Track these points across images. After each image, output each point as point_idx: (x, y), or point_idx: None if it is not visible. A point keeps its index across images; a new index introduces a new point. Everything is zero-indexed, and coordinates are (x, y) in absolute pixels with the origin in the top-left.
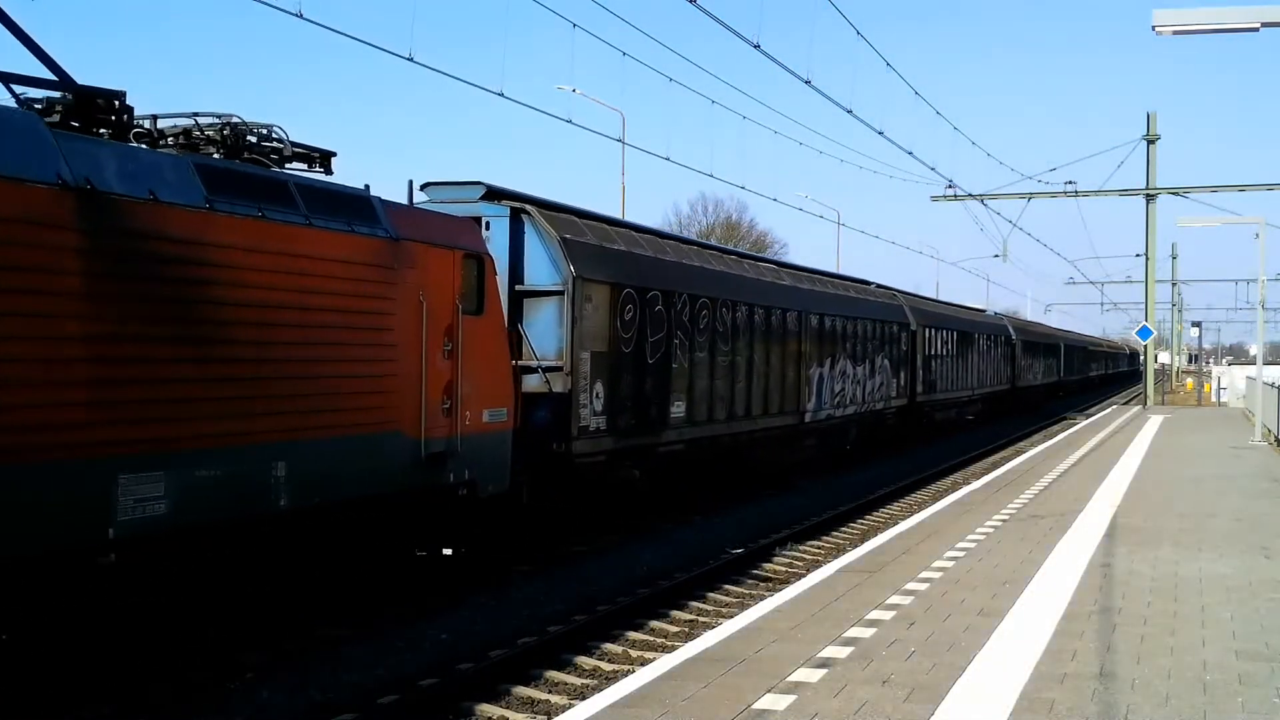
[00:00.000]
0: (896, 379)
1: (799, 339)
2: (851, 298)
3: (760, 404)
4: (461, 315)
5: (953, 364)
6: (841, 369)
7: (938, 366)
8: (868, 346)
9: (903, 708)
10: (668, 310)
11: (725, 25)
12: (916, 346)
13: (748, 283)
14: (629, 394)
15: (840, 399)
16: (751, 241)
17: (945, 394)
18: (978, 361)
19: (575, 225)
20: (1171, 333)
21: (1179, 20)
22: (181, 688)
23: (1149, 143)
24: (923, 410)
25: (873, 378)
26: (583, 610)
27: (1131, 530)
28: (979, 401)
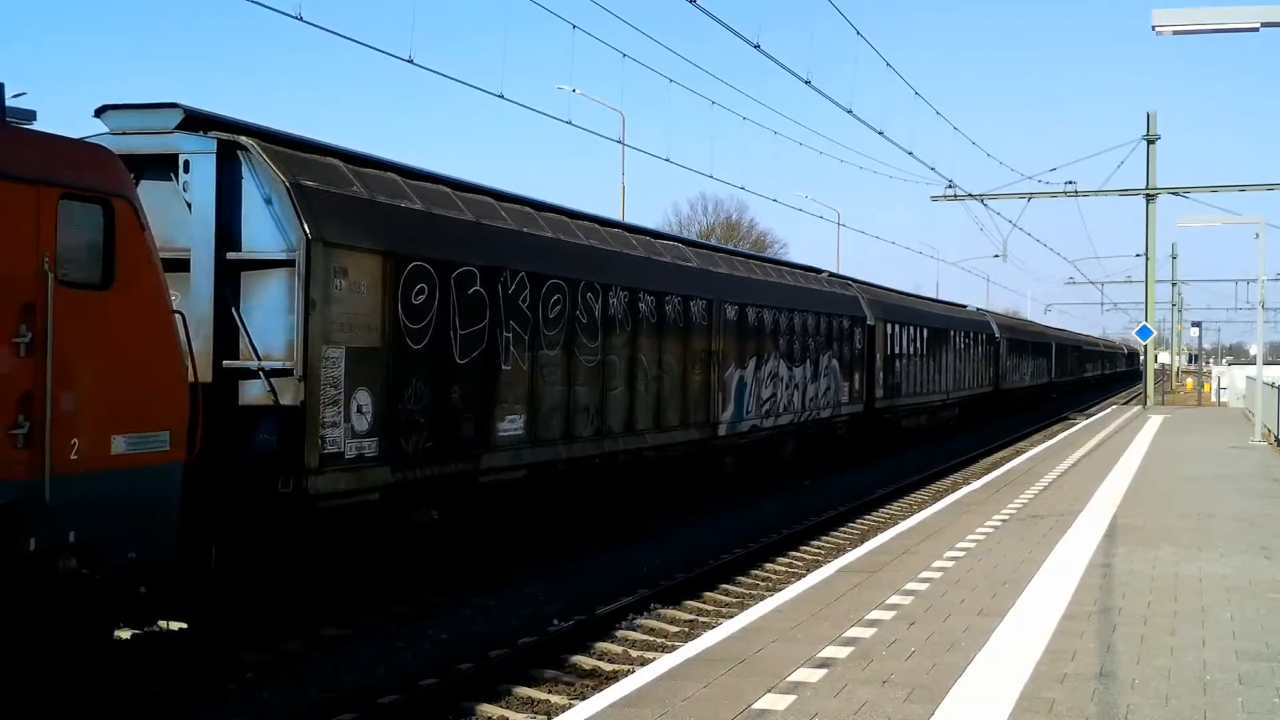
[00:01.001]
0: (850, 382)
1: (710, 334)
2: (787, 286)
3: (650, 416)
4: (57, 287)
5: (922, 364)
6: (773, 371)
7: (903, 367)
8: (810, 344)
9: (903, 708)
10: (491, 293)
11: (725, 25)
12: (875, 344)
13: (629, 262)
14: (424, 406)
15: (771, 407)
16: (752, 241)
17: (913, 398)
18: (954, 362)
19: (329, 170)
20: (1171, 333)
21: (1179, 20)
22: (181, 687)
23: (1149, 143)
24: (883, 417)
25: (817, 381)
26: (583, 610)
27: (1131, 530)
28: (955, 406)
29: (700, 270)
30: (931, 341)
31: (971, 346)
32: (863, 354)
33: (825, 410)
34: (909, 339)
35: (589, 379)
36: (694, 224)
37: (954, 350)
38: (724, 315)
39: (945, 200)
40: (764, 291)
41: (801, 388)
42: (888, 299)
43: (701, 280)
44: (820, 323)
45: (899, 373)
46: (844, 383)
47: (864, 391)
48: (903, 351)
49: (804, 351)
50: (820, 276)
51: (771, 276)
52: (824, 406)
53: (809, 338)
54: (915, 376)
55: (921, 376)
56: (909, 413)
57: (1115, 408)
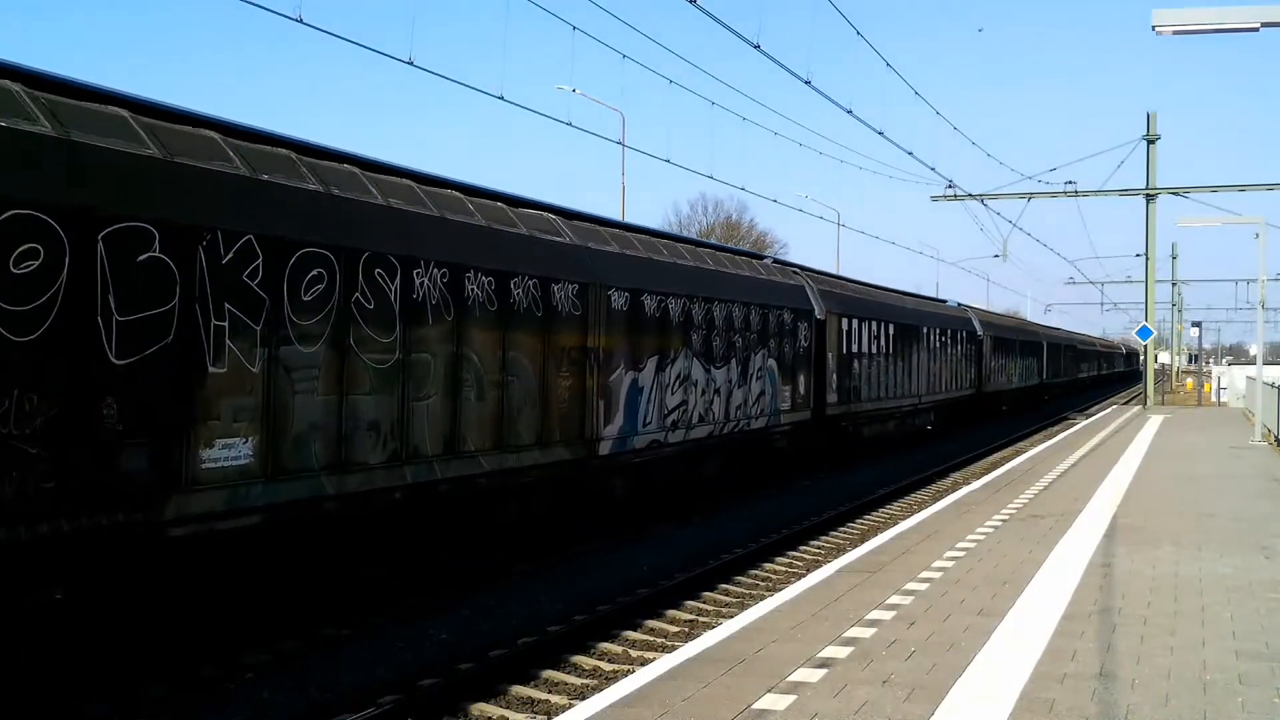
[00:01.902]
0: (793, 385)
1: (585, 327)
2: (705, 271)
3: (487, 433)
4: None
5: (888, 365)
6: (683, 373)
7: (863, 368)
8: (738, 341)
9: (903, 708)
10: (186, 263)
11: (725, 26)
12: (827, 341)
13: (452, 232)
14: (37, 430)
15: (681, 417)
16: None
17: (875, 403)
18: (927, 361)
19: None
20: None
21: (1179, 20)
22: (181, 687)
23: (1149, 143)
24: (838, 425)
25: (746, 385)
26: (583, 610)
27: (1131, 530)
28: (929, 411)
29: (571, 246)
30: (899, 339)
31: (949, 345)
32: (810, 353)
33: (759, 419)
34: (871, 336)
35: (380, 385)
36: (694, 224)
37: (928, 349)
38: (607, 304)
39: (945, 200)
40: (670, 276)
41: (725, 393)
42: (844, 290)
43: (571, 259)
44: (753, 315)
45: (858, 374)
46: (785, 387)
47: (812, 396)
48: (863, 350)
49: (729, 350)
50: (762, 263)
51: (685, 259)
52: (758, 416)
53: (737, 333)
54: (879, 379)
55: (887, 378)
56: (871, 420)
57: (1115, 408)
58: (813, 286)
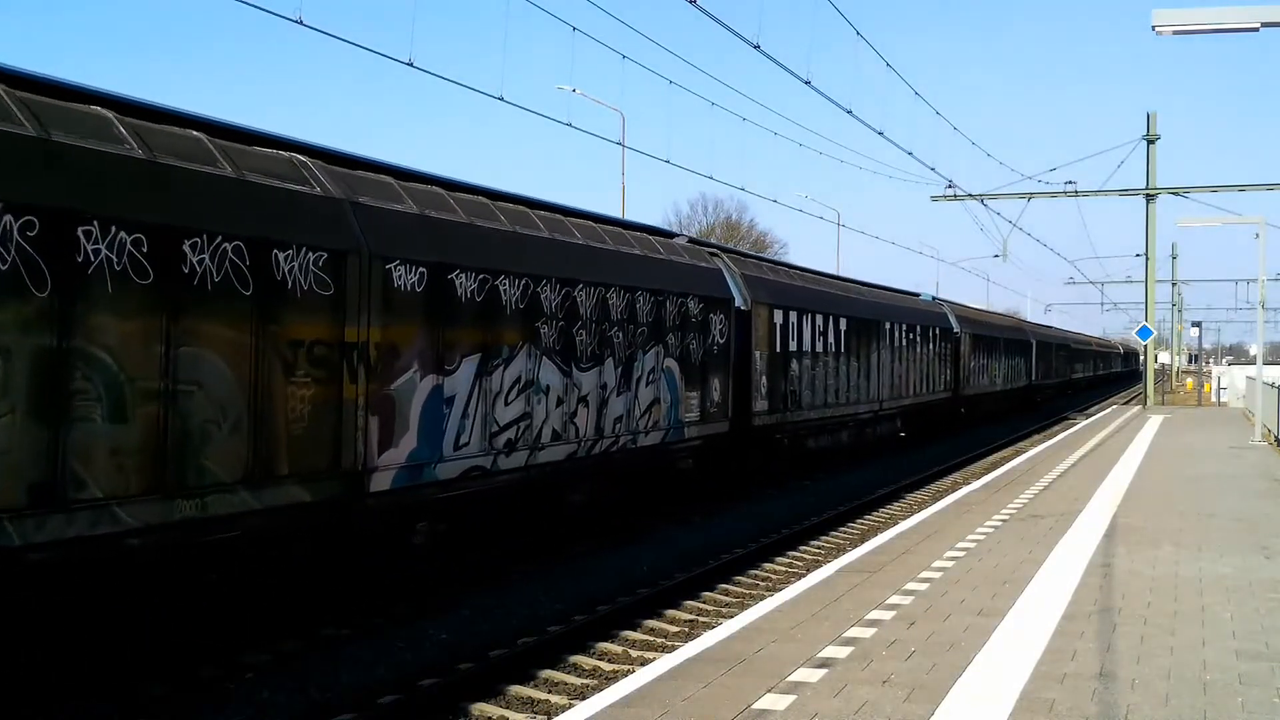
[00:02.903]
0: (704, 391)
1: (344, 313)
2: (567, 245)
3: (141, 471)
4: None
5: (838, 365)
6: (524, 377)
7: (805, 369)
8: (617, 336)
9: (903, 708)
10: None
11: (725, 26)
12: (754, 337)
13: (70, 160)
14: None
15: (523, 435)
16: (752, 241)
17: (821, 410)
18: (891, 361)
19: None
20: (1171, 333)
21: (1179, 20)
22: (181, 687)
23: (1149, 143)
24: (769, 438)
25: (631, 391)
26: (583, 610)
27: (1131, 530)
28: (895, 417)
29: (317, 199)
30: (854, 336)
31: (919, 343)
32: (730, 351)
33: (651, 434)
34: (816, 332)
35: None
36: (694, 224)
37: (891, 347)
38: (385, 282)
39: (945, 200)
40: (504, 248)
41: (597, 402)
42: (778, 277)
43: (314, 215)
44: (642, 304)
45: (798, 377)
46: (691, 393)
47: (731, 404)
48: (805, 348)
49: (604, 347)
50: (667, 240)
51: (536, 229)
52: (648, 429)
53: (617, 326)
54: (826, 381)
55: (838, 381)
56: (815, 430)
57: (1115, 408)
58: (734, 271)
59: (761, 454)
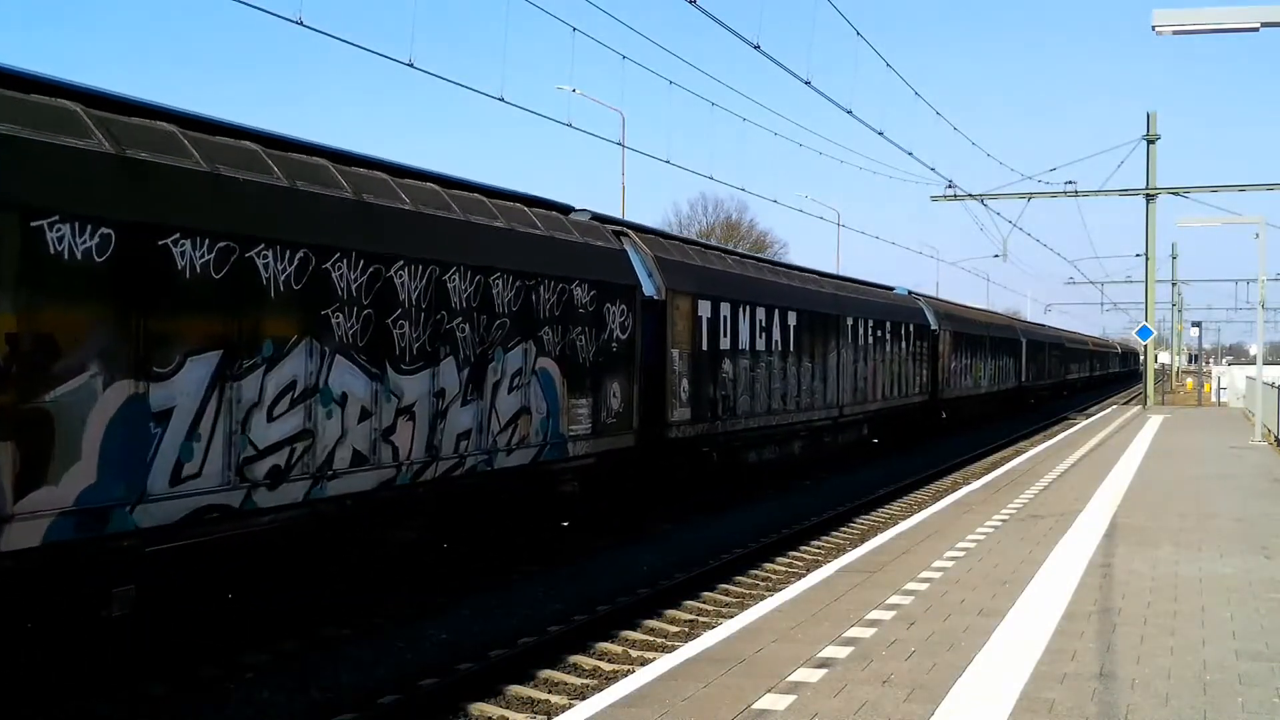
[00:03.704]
0: (596, 398)
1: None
2: (367, 208)
3: None
4: None
5: (786, 366)
6: (299, 383)
7: (742, 370)
8: (463, 330)
9: (903, 708)
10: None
11: (725, 26)
12: (671, 333)
13: None
14: None
15: (294, 462)
16: (752, 241)
17: (765, 418)
18: (855, 362)
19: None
20: (1171, 333)
21: (1179, 20)
22: (181, 687)
23: (1149, 143)
24: (695, 453)
25: (483, 399)
26: (583, 610)
27: (1131, 530)
28: (860, 424)
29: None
30: (807, 332)
31: (889, 341)
32: (634, 349)
33: (516, 453)
34: (756, 327)
35: None
36: (694, 224)
37: (854, 345)
38: (32, 247)
39: (945, 200)
40: (261, 206)
41: (429, 414)
42: (706, 263)
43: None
44: (503, 289)
45: (731, 380)
46: (579, 400)
47: (637, 414)
48: (741, 346)
49: (439, 343)
50: (559, 216)
51: (334, 188)
52: (512, 446)
53: (460, 317)
54: (770, 385)
55: (785, 384)
56: (756, 441)
57: (1115, 408)
58: (644, 253)
59: (683, 471)
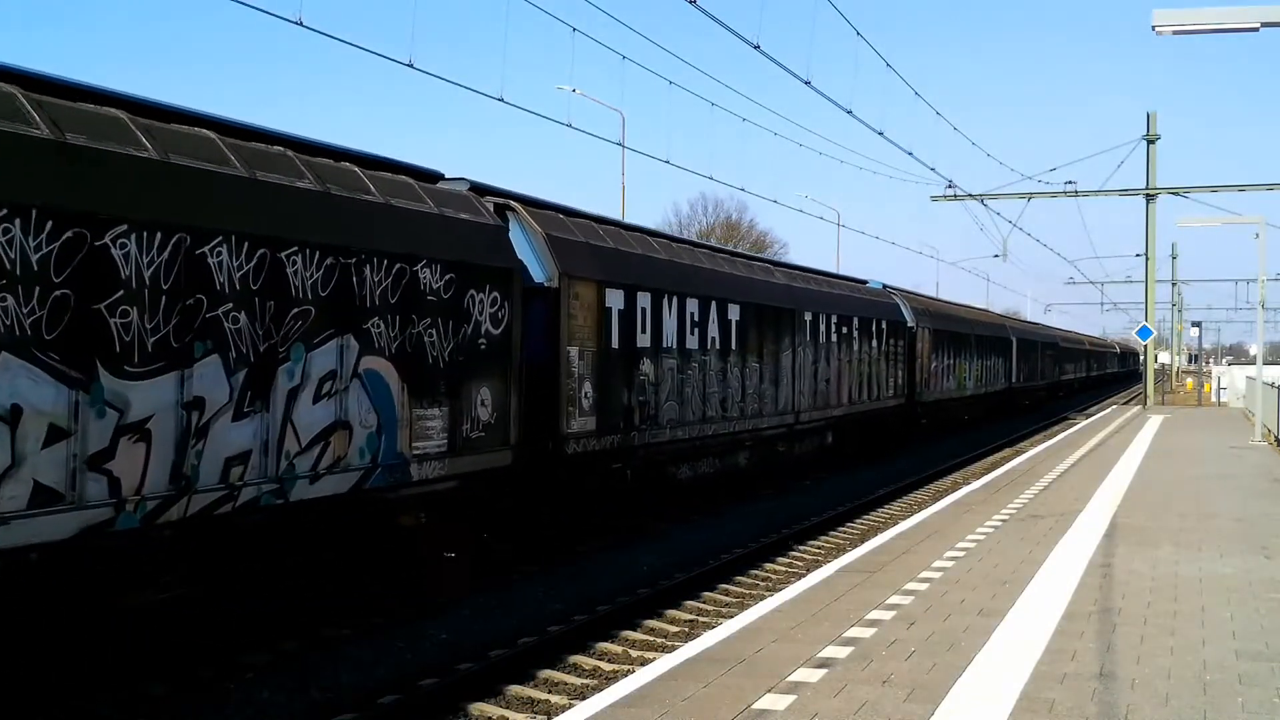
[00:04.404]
0: (456, 407)
1: None
2: (88, 155)
3: None
4: None
5: (727, 366)
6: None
7: (667, 373)
8: (226, 320)
9: (903, 708)
10: None
11: (725, 26)
12: (566, 328)
13: None
14: None
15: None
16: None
17: (699, 427)
18: (815, 362)
19: None
20: (1171, 333)
21: (1179, 20)
22: (181, 687)
23: (1149, 143)
24: (603, 470)
25: (267, 414)
26: (583, 610)
27: (1131, 530)
28: (823, 431)
29: None
30: (753, 328)
31: (858, 338)
32: (509, 347)
33: (328, 480)
34: (686, 321)
35: None
36: (694, 224)
37: (814, 343)
38: None
39: (945, 200)
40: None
41: (171, 432)
42: (618, 245)
43: None
44: (304, 268)
45: (653, 383)
46: (428, 410)
47: (517, 425)
48: (666, 343)
49: (189, 335)
50: (420, 184)
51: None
52: (319, 470)
53: (230, 303)
54: (705, 388)
55: (725, 387)
56: (688, 453)
57: (1115, 408)
58: (534, 231)
59: (587, 491)
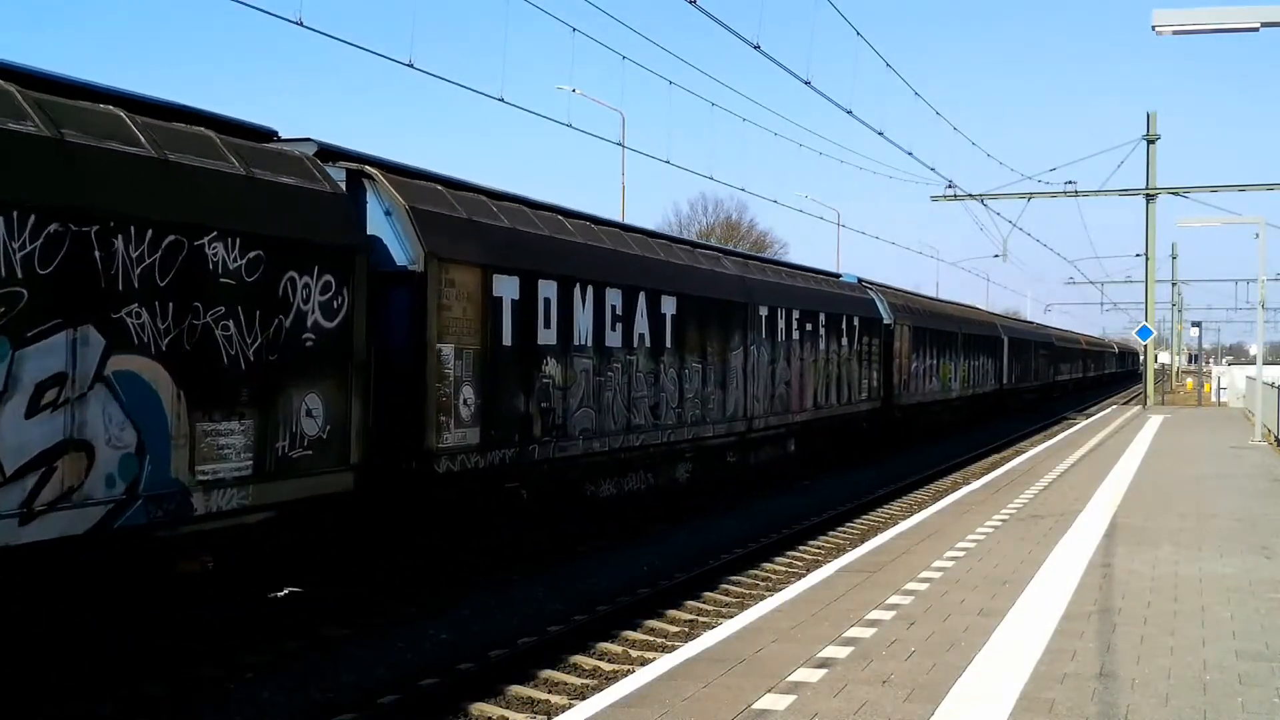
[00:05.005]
0: (272, 419)
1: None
2: None
3: None
4: None
5: (662, 367)
6: None
7: (580, 376)
8: None
9: (903, 708)
10: None
11: (725, 26)
12: (437, 323)
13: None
14: None
15: None
16: (752, 241)
17: (621, 437)
18: (772, 362)
19: None
20: (1171, 333)
21: (1179, 20)
22: (181, 687)
23: (1149, 143)
24: (493, 491)
25: None
26: (583, 610)
27: (1131, 530)
28: (785, 438)
29: None
30: (695, 324)
31: (826, 336)
32: (348, 341)
33: (32, 520)
34: (607, 315)
35: None
36: (694, 224)
37: (770, 341)
38: None
39: (945, 200)
40: None
41: None
42: (512, 222)
43: None
44: (8, 244)
45: (562, 387)
46: (214, 425)
47: (360, 439)
48: (581, 340)
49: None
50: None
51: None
52: (12, 511)
53: None
54: (634, 392)
55: (658, 391)
56: (609, 468)
57: (1115, 408)
58: (394, 202)
59: (469, 518)
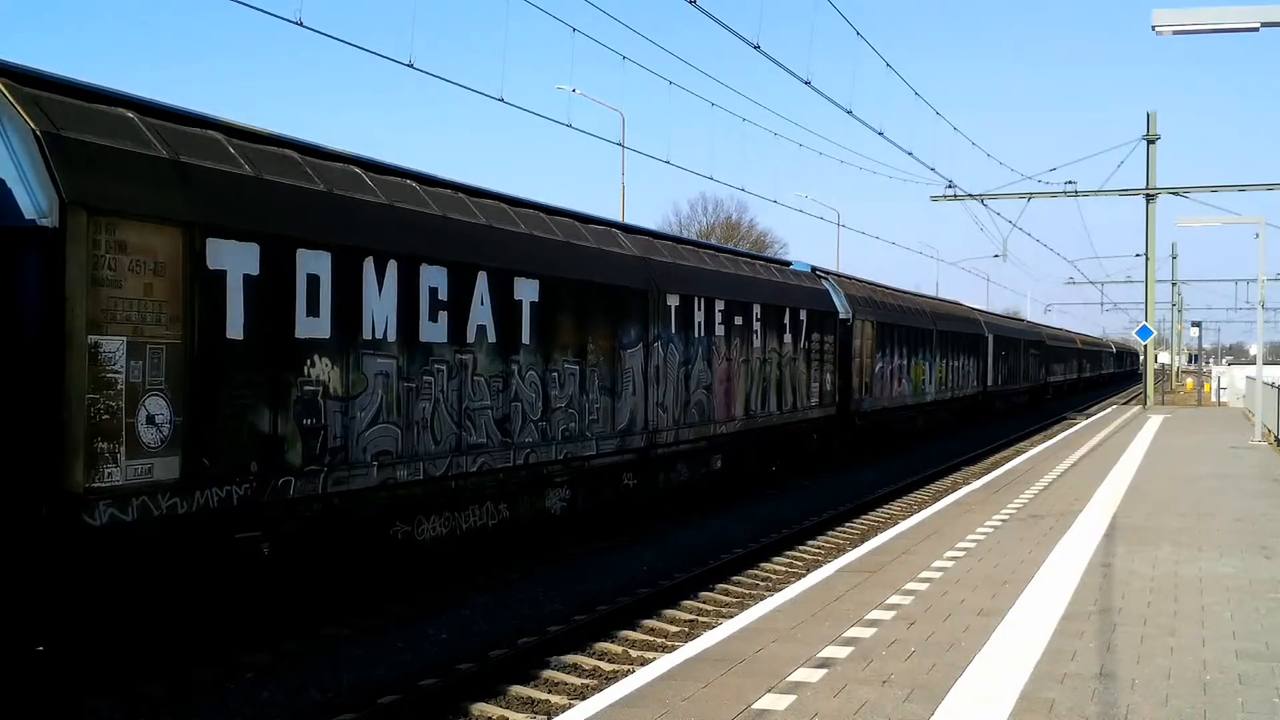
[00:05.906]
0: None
1: None
2: None
3: None
4: None
5: (508, 370)
6: None
7: (373, 381)
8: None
9: (903, 708)
10: None
11: (725, 26)
12: (88, 305)
13: None
14: None
15: None
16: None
17: (452, 460)
18: (682, 363)
19: None
20: (1171, 333)
21: (1179, 20)
22: (181, 687)
23: (1149, 143)
24: (223, 541)
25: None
26: (583, 610)
27: (1131, 530)
28: (706, 453)
29: None
30: (566, 314)
31: (763, 332)
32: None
33: None
34: (425, 301)
35: None
36: (694, 224)
37: (684, 338)
38: None
39: (945, 200)
40: None
41: None
42: (261, 173)
43: None
44: None
45: (343, 398)
46: None
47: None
48: (376, 333)
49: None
50: None
51: None
52: None
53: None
54: (459, 405)
55: (506, 401)
56: (431, 502)
57: (1115, 408)
58: (15, 120)
59: (154, 590)
